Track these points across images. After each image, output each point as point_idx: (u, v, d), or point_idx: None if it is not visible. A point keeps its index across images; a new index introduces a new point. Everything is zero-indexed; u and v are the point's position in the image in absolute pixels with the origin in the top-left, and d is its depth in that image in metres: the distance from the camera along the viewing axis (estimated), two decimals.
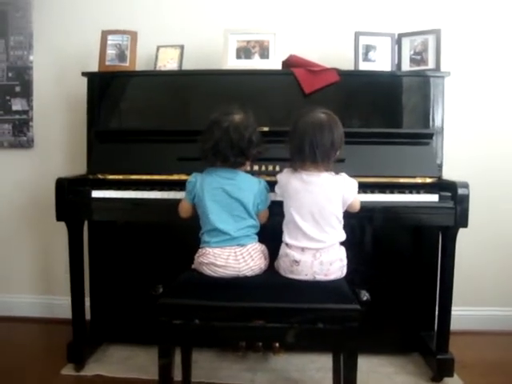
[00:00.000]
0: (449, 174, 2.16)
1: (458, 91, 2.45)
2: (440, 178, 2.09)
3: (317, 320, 1.55)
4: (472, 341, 2.41)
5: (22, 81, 2.64)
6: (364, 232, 2.20)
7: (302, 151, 1.67)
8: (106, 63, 2.33)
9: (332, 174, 1.73)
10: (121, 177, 2.11)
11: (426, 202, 1.92)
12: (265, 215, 1.81)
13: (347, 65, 2.29)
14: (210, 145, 1.72)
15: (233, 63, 2.28)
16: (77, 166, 2.34)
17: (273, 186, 1.81)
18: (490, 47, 2.48)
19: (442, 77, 2.21)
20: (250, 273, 1.72)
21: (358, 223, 2.10)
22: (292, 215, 1.69)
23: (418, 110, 2.23)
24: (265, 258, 1.78)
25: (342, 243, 1.74)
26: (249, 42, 2.29)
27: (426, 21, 2.41)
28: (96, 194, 2.00)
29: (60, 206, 1.97)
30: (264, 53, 2.28)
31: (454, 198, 1.89)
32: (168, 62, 2.35)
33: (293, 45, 2.39)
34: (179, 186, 1.94)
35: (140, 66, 2.40)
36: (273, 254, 1.80)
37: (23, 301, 2.72)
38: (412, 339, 2.24)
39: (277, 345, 1.75)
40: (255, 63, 2.28)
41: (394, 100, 2.25)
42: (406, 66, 2.29)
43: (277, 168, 2.00)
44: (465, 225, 1.89)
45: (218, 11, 2.53)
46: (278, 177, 1.79)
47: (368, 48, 2.29)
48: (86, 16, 2.56)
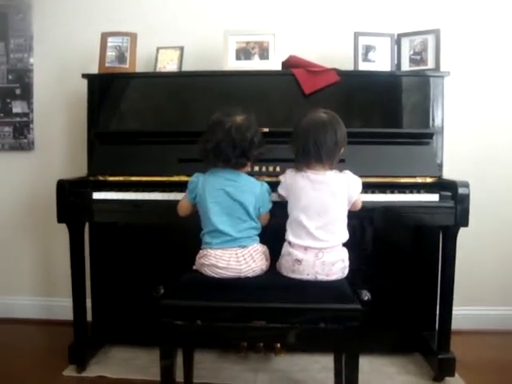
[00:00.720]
0: (449, 173, 2.16)
1: (457, 91, 2.45)
2: (440, 177, 2.09)
3: (318, 320, 1.55)
4: (473, 340, 2.41)
5: (22, 83, 2.64)
6: (365, 232, 2.20)
7: (307, 151, 1.68)
8: (106, 65, 2.34)
9: (337, 172, 1.73)
10: (121, 178, 2.11)
11: (426, 202, 1.93)
12: (266, 218, 1.81)
13: (347, 65, 2.29)
14: (211, 145, 1.71)
15: (233, 64, 2.29)
16: (77, 168, 2.35)
17: (273, 186, 1.81)
18: (490, 47, 2.48)
19: (442, 76, 2.21)
20: (251, 274, 1.72)
21: (358, 223, 2.11)
22: (297, 214, 1.69)
23: (418, 110, 2.24)
24: (266, 259, 1.78)
25: (344, 244, 1.74)
26: (248, 42, 2.30)
27: (425, 21, 2.41)
28: (97, 195, 2.00)
29: (61, 207, 1.98)
30: (264, 54, 2.28)
31: (455, 197, 1.89)
32: (168, 63, 2.35)
33: (292, 45, 2.39)
34: (180, 187, 1.95)
35: (140, 67, 2.40)
36: (274, 254, 1.80)
37: (25, 302, 2.72)
38: (413, 339, 2.24)
39: (278, 345, 1.76)
40: (255, 64, 2.28)
41: (393, 100, 2.25)
42: (405, 66, 2.30)
43: (277, 169, 2.01)
44: (465, 224, 1.90)
45: (217, 12, 2.53)
46: (282, 178, 1.79)
47: (368, 48, 2.29)
48: (86, 18, 2.57)
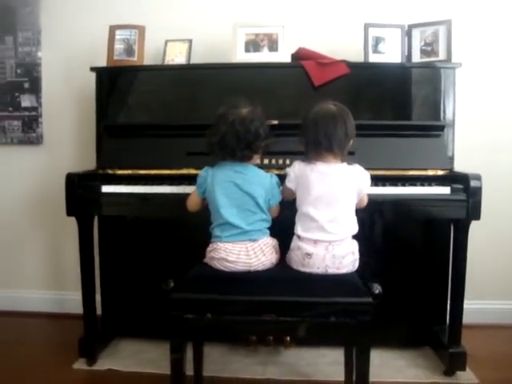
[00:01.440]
0: (460, 166, 2.13)
1: (469, 82, 2.41)
2: (452, 170, 2.07)
3: (329, 314, 1.54)
4: (484, 334, 2.39)
5: (30, 77, 2.64)
6: (375, 225, 2.19)
7: (318, 143, 1.67)
8: (115, 58, 2.33)
9: (346, 165, 1.72)
10: (130, 171, 2.11)
11: (437, 195, 1.91)
12: (276, 210, 1.80)
13: (357, 57, 2.27)
14: (216, 139, 1.71)
15: (241, 56, 2.27)
16: (86, 161, 2.34)
17: (283, 179, 1.79)
18: (502, 37, 2.45)
19: (453, 68, 2.18)
20: (261, 267, 1.71)
21: (369, 216, 2.09)
22: (307, 207, 1.68)
23: (429, 102, 2.21)
24: (276, 253, 1.77)
25: (353, 236, 1.73)
26: (257, 35, 2.28)
27: (436, 11, 2.38)
28: (106, 188, 2.00)
29: (70, 201, 1.98)
30: (273, 46, 2.27)
31: (467, 190, 1.87)
32: (176, 56, 2.34)
33: (302, 37, 2.37)
34: (188, 180, 1.95)
35: (148, 60, 2.39)
36: (283, 247, 1.79)
37: (35, 296, 2.74)
38: (424, 333, 2.23)
39: (288, 339, 1.75)
40: (264, 56, 2.26)
41: (404, 92, 2.23)
42: (416, 58, 2.27)
43: (287, 161, 1.99)
44: (477, 217, 1.88)
45: (226, 4, 2.51)
46: (290, 171, 1.76)
47: (378, 40, 2.26)
48: (94, 11, 2.56)
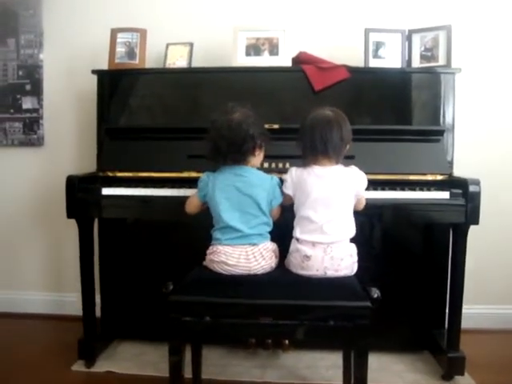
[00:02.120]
0: (460, 171, 2.14)
1: (469, 88, 2.42)
2: (451, 175, 2.07)
3: (327, 317, 1.55)
4: (483, 339, 2.39)
5: (32, 79, 2.66)
6: (374, 229, 2.19)
7: (314, 147, 1.69)
8: (116, 61, 2.34)
9: (342, 166, 1.74)
10: (131, 174, 2.12)
11: (436, 199, 1.92)
12: (278, 212, 1.80)
13: (357, 62, 2.28)
14: (210, 146, 1.74)
15: (242, 60, 2.28)
16: (87, 164, 2.35)
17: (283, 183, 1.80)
18: (502, 43, 2.46)
19: (453, 73, 2.19)
20: (260, 271, 1.71)
21: (368, 220, 2.10)
22: (305, 210, 1.69)
23: (429, 107, 2.22)
24: (276, 257, 1.78)
25: (352, 240, 1.73)
26: (258, 39, 2.29)
27: (436, 17, 2.39)
28: (106, 191, 2.01)
29: (70, 203, 1.99)
30: (273, 50, 2.27)
31: (465, 195, 1.88)
32: (177, 59, 2.35)
33: (302, 42, 2.38)
34: (189, 183, 1.95)
35: (149, 63, 2.40)
36: (282, 251, 1.79)
37: (34, 298, 2.74)
38: (422, 337, 2.23)
39: (286, 342, 1.75)
40: (265, 60, 2.27)
41: (404, 97, 2.24)
42: (416, 63, 2.28)
43: (287, 165, 1.99)
44: (476, 222, 1.88)
45: (227, 8, 2.52)
46: (287, 177, 1.77)
47: (378, 45, 2.27)
48: (96, 14, 2.58)
